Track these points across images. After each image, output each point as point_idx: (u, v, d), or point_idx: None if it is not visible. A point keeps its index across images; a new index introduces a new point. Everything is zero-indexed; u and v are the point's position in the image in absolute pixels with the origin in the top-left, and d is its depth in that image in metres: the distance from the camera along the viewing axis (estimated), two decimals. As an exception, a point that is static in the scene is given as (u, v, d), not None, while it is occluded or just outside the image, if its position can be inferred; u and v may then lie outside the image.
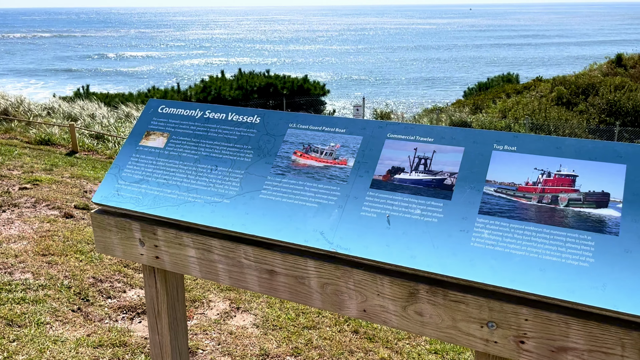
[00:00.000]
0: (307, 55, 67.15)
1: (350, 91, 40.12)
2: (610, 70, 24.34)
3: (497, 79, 28.03)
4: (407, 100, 36.55)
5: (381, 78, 48.43)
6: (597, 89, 20.78)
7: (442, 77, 48.52)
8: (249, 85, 19.37)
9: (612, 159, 1.61)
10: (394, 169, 1.83)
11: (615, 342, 1.41)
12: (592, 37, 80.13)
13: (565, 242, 1.52)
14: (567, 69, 28.41)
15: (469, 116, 20.42)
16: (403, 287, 1.64)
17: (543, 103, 20.76)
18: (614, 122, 18.07)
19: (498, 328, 1.54)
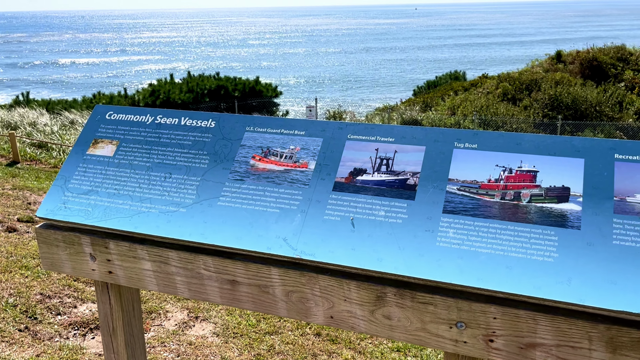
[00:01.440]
0: (258, 59, 66.68)
1: (303, 93, 40.11)
2: (550, 66, 25.31)
3: (445, 77, 28.65)
4: (359, 100, 36.87)
5: (333, 79, 48.68)
6: (539, 85, 21.56)
7: (392, 77, 49.20)
8: (200, 88, 19.01)
9: (571, 154, 1.63)
10: (356, 170, 1.79)
11: (582, 336, 1.41)
12: (533, 36, 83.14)
13: (530, 238, 1.52)
14: (510, 67, 29.38)
15: (419, 114, 20.76)
16: (370, 291, 1.60)
17: (490, 99, 21.37)
18: (556, 116, 18.80)
19: (467, 328, 1.52)
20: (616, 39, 29.94)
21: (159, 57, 70.79)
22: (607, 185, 1.55)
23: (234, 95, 18.78)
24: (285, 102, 31.90)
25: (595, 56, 24.78)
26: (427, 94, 26.01)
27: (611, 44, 26.84)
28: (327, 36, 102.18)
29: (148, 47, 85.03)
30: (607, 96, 20.28)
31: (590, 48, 26.19)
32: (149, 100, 19.16)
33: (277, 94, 20.05)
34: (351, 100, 37.04)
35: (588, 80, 22.66)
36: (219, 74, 20.30)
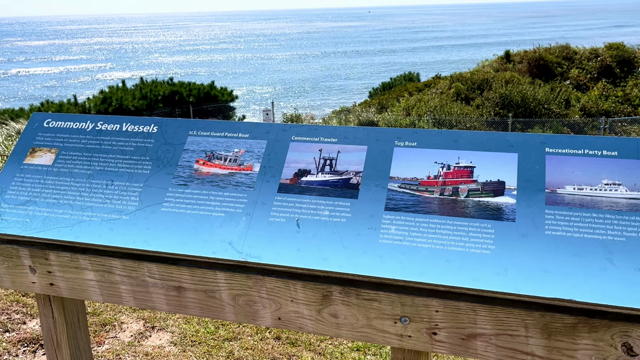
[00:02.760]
0: (213, 64, 65.95)
1: (260, 98, 39.95)
2: (500, 66, 26.07)
3: (400, 78, 29.10)
4: (316, 104, 37.00)
5: (290, 83, 48.69)
6: (490, 84, 22.19)
7: (349, 80, 49.61)
8: (153, 94, 18.66)
9: (505, 149, 1.69)
10: (301, 171, 1.80)
11: (519, 324, 1.47)
12: (484, 38, 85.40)
13: (468, 232, 1.57)
14: (463, 68, 30.12)
15: (375, 115, 21.02)
16: (316, 290, 1.62)
17: (443, 99, 21.84)
18: (507, 114, 19.39)
19: (411, 322, 1.56)
20: (562, 38, 31.15)
21: (109, 64, 69.09)
22: (539, 178, 1.61)
23: (189, 100, 18.53)
24: (241, 107, 31.70)
25: (541, 55, 25.68)
26: (383, 95, 26.36)
27: (556, 43, 27.88)
28: (283, 40, 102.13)
29: (96, 54, 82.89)
30: (555, 94, 21.05)
31: (537, 48, 27.13)
32: (101, 108, 18.68)
33: (233, 98, 19.90)
34: (308, 104, 37.15)
35: (536, 79, 23.46)
36: (173, 79, 19.99)
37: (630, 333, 1.38)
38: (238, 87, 42.01)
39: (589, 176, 1.58)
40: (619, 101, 21.84)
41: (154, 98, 18.47)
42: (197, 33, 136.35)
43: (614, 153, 1.60)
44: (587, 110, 20.65)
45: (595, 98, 21.83)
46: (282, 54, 74.01)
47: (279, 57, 70.52)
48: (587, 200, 1.55)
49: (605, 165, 1.59)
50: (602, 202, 1.53)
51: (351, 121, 20.58)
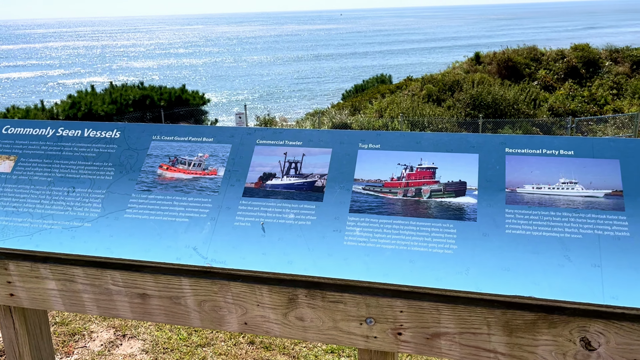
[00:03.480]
0: (185, 68, 65.27)
1: (232, 101, 39.71)
2: (470, 67, 26.47)
3: (372, 81, 29.28)
4: (289, 107, 36.97)
5: (264, 87, 48.55)
6: (461, 85, 22.50)
7: (321, 82, 49.71)
8: (123, 99, 18.37)
9: (466, 150, 1.72)
10: (266, 175, 1.80)
11: (481, 322, 1.49)
12: (454, 40, 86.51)
13: (431, 232, 1.59)
14: (434, 70, 30.48)
15: (348, 117, 21.11)
16: (282, 294, 1.62)
17: (415, 101, 22.05)
18: (477, 114, 19.69)
19: (376, 323, 1.57)
20: (530, 40, 31.78)
21: (77, 69, 67.76)
22: (499, 177, 1.64)
23: (160, 104, 18.32)
24: (214, 111, 31.47)
25: (510, 57, 26.17)
26: (356, 97, 26.48)
27: (524, 45, 28.45)
28: (256, 43, 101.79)
29: (64, 59, 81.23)
30: (524, 94, 21.46)
31: (506, 49, 27.63)
32: (70, 113, 18.32)
33: (205, 102, 19.74)
34: (281, 106, 37.10)
35: (505, 80, 23.89)
36: (143, 83, 19.72)
37: (588, 328, 1.42)
38: (211, 91, 41.72)
39: (547, 175, 1.62)
40: (585, 101, 22.38)
41: (124, 102, 18.19)
42: (169, 37, 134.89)
43: (571, 152, 1.64)
44: (555, 110, 21.11)
45: (563, 98, 22.33)
46: (255, 57, 73.73)
47: (252, 60, 70.22)
48: (546, 199, 1.58)
49: (563, 165, 1.63)
50: (559, 200, 1.57)
51: (325, 123, 20.62)
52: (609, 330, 1.40)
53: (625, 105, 21.26)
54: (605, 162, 1.60)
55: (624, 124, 18.57)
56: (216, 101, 38.43)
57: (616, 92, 23.15)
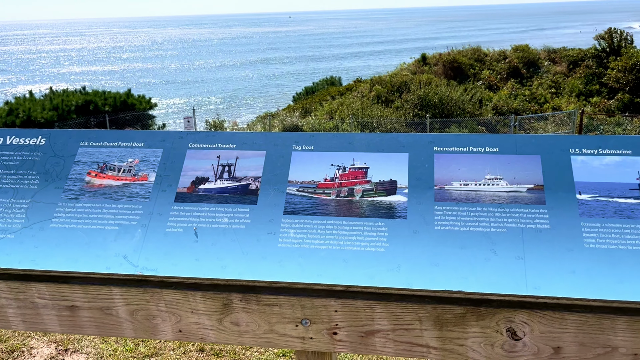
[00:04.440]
0: (130, 73, 63.51)
1: (181, 105, 39.00)
2: (417, 68, 27.03)
3: (322, 83, 29.44)
4: (240, 110, 36.66)
5: (213, 90, 47.91)
6: (408, 86, 22.92)
7: (271, 85, 49.57)
8: (65, 104, 17.70)
9: (397, 149, 1.75)
10: (198, 179, 1.78)
11: (413, 318, 1.52)
12: (400, 43, 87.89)
13: (363, 231, 1.61)
14: (382, 72, 30.96)
15: (299, 120, 21.13)
16: (216, 299, 1.59)
17: (364, 102, 22.31)
18: (425, 115, 20.11)
19: (312, 324, 1.57)
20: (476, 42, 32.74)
21: (12, 76, 64.79)
22: (428, 176, 1.68)
23: (105, 110, 17.76)
24: (163, 116, 30.85)
25: (455, 58, 26.89)
26: (306, 100, 26.55)
27: (468, 46, 29.30)
28: (205, 47, 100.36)
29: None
30: (469, 94, 22.08)
31: (451, 50, 28.38)
32: (7, 120, 17.49)
33: (152, 106, 19.29)
34: (232, 110, 36.75)
35: (451, 80, 24.52)
36: (85, 88, 19.06)
37: (513, 318, 1.47)
38: (158, 95, 40.86)
39: (474, 172, 1.66)
40: (526, 100, 23.25)
41: (66, 108, 17.52)
42: (114, 40, 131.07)
43: (496, 149, 1.70)
44: (499, 109, 21.83)
45: (506, 97, 23.12)
46: (202, 62, 72.64)
47: (202, 64, 69.13)
48: (472, 195, 1.63)
49: (488, 161, 1.68)
50: (485, 196, 1.62)
51: (276, 126, 20.56)
52: (532, 320, 1.45)
53: (563, 103, 22.22)
54: (527, 158, 1.66)
55: (563, 121, 19.40)
56: (163, 106, 37.65)
57: (555, 90, 24.17)
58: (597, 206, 1.55)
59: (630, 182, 1.58)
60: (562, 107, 21.58)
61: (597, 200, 1.56)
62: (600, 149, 1.64)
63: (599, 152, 1.64)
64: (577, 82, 23.88)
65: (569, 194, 1.57)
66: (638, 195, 1.56)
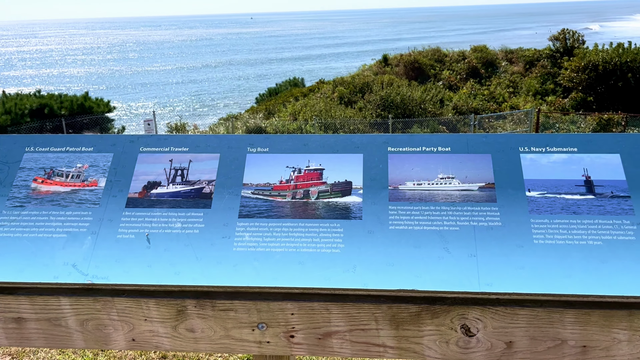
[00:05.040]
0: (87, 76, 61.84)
1: (141, 108, 38.25)
2: (379, 69, 27.30)
3: (285, 84, 29.37)
4: (202, 112, 36.23)
5: (174, 92, 47.18)
6: (370, 87, 23.11)
7: (234, 87, 49.17)
8: (19, 108, 17.09)
9: (351, 150, 1.75)
10: (150, 184, 1.74)
11: (369, 318, 1.52)
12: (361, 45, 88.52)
13: (319, 233, 1.60)
14: (344, 73, 31.16)
15: (262, 121, 21.03)
16: (170, 306, 1.56)
17: (328, 103, 22.38)
18: (387, 115, 20.31)
19: (268, 328, 1.55)
20: (440, 43, 33.32)
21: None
22: (383, 176, 1.69)
23: (61, 113, 17.24)
24: (123, 120, 30.21)
25: (416, 58, 27.27)
26: (269, 101, 26.46)
27: (429, 47, 29.77)
28: (164, 49, 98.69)
29: (-46, 65, 74.38)
30: (430, 94, 22.42)
31: (412, 51, 28.78)
32: (-43, 126, 16.76)
33: (110, 109, 18.83)
34: (193, 112, 36.28)
35: (412, 81, 24.85)
36: (40, 91, 18.45)
37: (467, 315, 1.49)
38: (118, 99, 39.98)
39: (427, 172, 1.68)
40: (485, 99, 23.77)
41: (19, 112, 16.91)
42: (71, 42, 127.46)
43: (448, 149, 1.72)
44: (459, 109, 22.24)
45: (465, 97, 23.58)
46: (165, 64, 71.43)
47: (160, 67, 67.91)
48: (426, 194, 1.65)
49: (441, 161, 1.70)
50: (438, 195, 1.64)
51: (238, 128, 20.40)
52: (485, 316, 1.48)
53: (520, 102, 22.82)
54: (478, 157, 1.69)
55: (521, 120, 19.92)
56: (127, 108, 36.88)
57: (512, 90, 24.81)
58: (546, 203, 1.58)
59: (576, 178, 1.63)
60: (519, 106, 22.16)
61: (545, 197, 1.60)
62: (548, 147, 1.69)
63: (547, 150, 1.68)
64: (533, 82, 24.57)
65: (519, 192, 1.61)
66: (584, 192, 1.61)
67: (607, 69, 21.00)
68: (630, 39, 22.69)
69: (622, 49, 21.52)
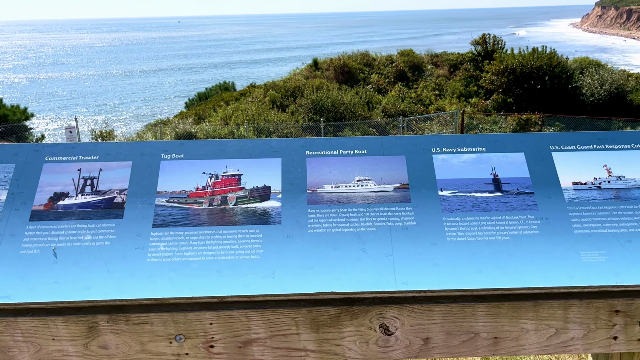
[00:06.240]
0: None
1: (64, 116, 36.42)
2: (310, 73, 27.46)
3: (216, 88, 28.92)
4: (128, 118, 35.01)
5: (98, 98, 45.26)
6: (302, 91, 23.20)
7: (161, 92, 47.85)
8: None
9: (270, 155, 1.74)
10: (57, 195, 1.64)
11: (290, 323, 1.51)
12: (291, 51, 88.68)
13: (237, 240, 1.58)
14: (276, 77, 31.11)
15: (192, 126, 20.58)
16: (80, 323, 1.48)
17: (260, 107, 22.23)
18: (319, 119, 20.46)
19: (187, 339, 1.51)
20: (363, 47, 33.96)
21: None
22: (301, 180, 1.69)
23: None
24: (41, 126, 28.67)
25: (345, 62, 27.68)
26: (199, 106, 25.96)
27: (358, 51, 30.29)
28: (86, 54, 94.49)
29: None
30: (360, 98, 22.80)
31: (342, 55, 29.17)
32: None
33: (28, 117, 17.78)
34: (119, 118, 34.99)
35: (343, 85, 25.19)
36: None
37: (385, 314, 1.51)
38: (36, 106, 37.89)
39: (344, 174, 1.70)
40: (413, 102, 24.47)
41: None
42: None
43: (364, 151, 1.75)
44: (388, 112, 22.76)
45: (394, 100, 24.17)
46: (88, 70, 68.34)
47: (82, 73, 64.87)
48: (343, 196, 1.66)
49: (357, 163, 1.72)
50: (355, 197, 1.66)
51: (167, 134, 19.84)
52: (402, 314, 1.51)
53: (446, 104, 23.68)
54: (393, 159, 1.72)
55: (447, 121, 20.66)
56: (46, 116, 35.01)
57: (438, 92, 25.72)
58: (457, 201, 1.64)
59: (485, 177, 1.70)
60: (445, 108, 22.98)
61: (456, 195, 1.66)
62: (459, 147, 1.75)
63: (458, 151, 1.74)
64: (457, 84, 25.59)
65: (432, 191, 1.66)
66: (492, 190, 1.68)
67: (524, 72, 22.23)
68: (545, 44, 24.12)
69: (537, 53, 22.83)
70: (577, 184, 1.68)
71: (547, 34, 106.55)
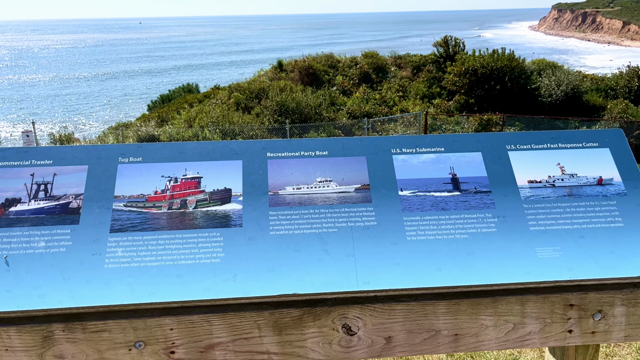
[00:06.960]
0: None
1: (18, 120, 35.25)
2: (275, 75, 27.38)
3: (179, 90, 28.52)
4: (89, 122, 34.18)
5: (55, 101, 44.02)
6: (267, 93, 23.12)
7: (123, 94, 46.90)
8: None
9: (230, 157, 1.72)
10: (8, 201, 1.59)
11: (252, 326, 1.50)
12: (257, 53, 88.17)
13: (198, 243, 1.56)
14: (240, 78, 30.90)
15: (155, 129, 20.24)
16: (34, 332, 1.44)
17: (224, 109, 22.04)
18: (284, 120, 20.43)
19: (146, 346, 1.48)
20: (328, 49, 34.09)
21: None
22: (263, 182, 1.68)
23: None
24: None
25: (310, 64, 27.72)
26: (162, 108, 25.55)
27: (322, 53, 30.38)
28: (46, 57, 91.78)
29: None
30: (324, 99, 22.88)
31: (306, 57, 29.20)
32: None
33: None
34: (80, 122, 34.12)
35: (307, 86, 25.21)
36: None
37: (347, 315, 1.52)
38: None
39: (306, 176, 1.70)
40: (377, 103, 24.70)
41: None
42: None
43: (325, 153, 1.75)
44: (352, 113, 22.91)
45: (359, 101, 24.34)
46: (44, 75, 66.31)
47: (38, 78, 62.91)
48: (305, 198, 1.66)
49: (319, 165, 1.72)
50: (317, 198, 1.66)
51: (129, 137, 19.47)
52: (364, 314, 1.52)
53: (410, 106, 23.99)
54: (354, 160, 1.73)
55: (411, 122, 20.93)
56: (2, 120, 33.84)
57: (402, 94, 26.02)
58: (417, 201, 1.66)
59: (443, 177, 1.72)
60: (409, 109, 23.27)
61: (416, 195, 1.68)
62: (418, 147, 1.77)
63: (417, 151, 1.76)
64: (420, 86, 25.95)
65: (392, 192, 1.67)
66: (451, 189, 1.70)
67: (485, 73, 22.71)
68: (506, 46, 24.70)
69: (497, 54, 23.37)
70: (532, 182, 1.72)
71: (508, 36, 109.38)
